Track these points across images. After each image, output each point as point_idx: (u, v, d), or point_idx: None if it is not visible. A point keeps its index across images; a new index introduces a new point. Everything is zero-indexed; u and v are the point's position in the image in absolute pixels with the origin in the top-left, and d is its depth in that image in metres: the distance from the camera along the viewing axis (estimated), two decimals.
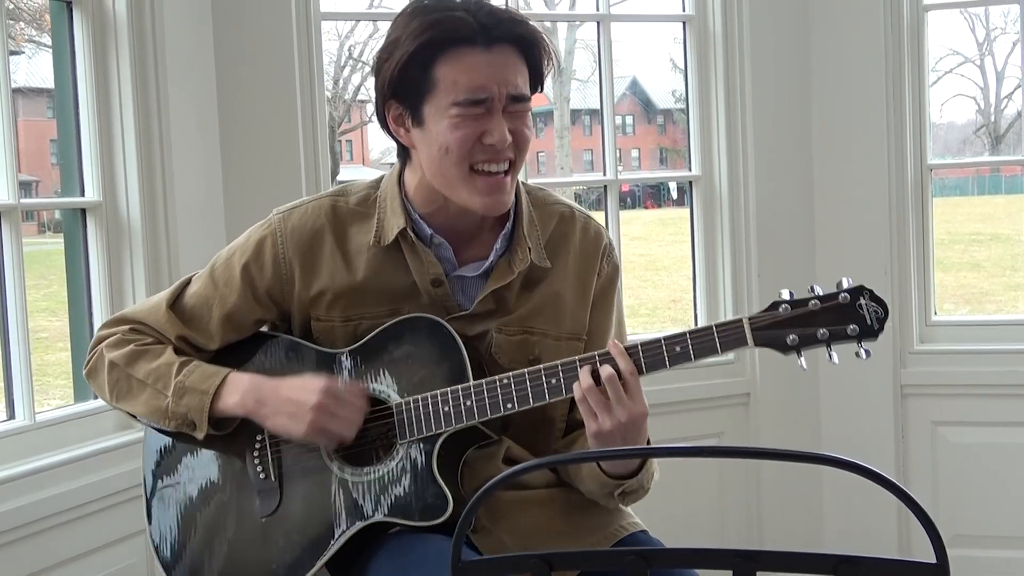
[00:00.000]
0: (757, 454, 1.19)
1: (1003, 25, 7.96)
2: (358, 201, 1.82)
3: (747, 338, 1.61)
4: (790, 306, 1.61)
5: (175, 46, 2.66)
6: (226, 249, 1.86)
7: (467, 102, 1.65)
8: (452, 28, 1.65)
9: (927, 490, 3.28)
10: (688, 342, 1.64)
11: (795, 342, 1.60)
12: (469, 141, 1.66)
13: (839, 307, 1.60)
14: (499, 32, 1.66)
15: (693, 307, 3.45)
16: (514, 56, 1.68)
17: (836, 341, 1.60)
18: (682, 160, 3.54)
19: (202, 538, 1.81)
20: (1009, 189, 12.84)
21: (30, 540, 2.30)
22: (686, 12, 3.35)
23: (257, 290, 1.81)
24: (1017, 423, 3.25)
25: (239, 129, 2.84)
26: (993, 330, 3.39)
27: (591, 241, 1.85)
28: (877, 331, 1.60)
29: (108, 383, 1.82)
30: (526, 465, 1.25)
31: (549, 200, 1.86)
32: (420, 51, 1.65)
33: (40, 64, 4.25)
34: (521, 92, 1.69)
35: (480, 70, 1.65)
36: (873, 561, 1.07)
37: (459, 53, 1.65)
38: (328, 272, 1.79)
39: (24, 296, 2.40)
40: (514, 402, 1.68)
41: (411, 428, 1.72)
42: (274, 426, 1.75)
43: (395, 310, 1.77)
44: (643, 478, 1.75)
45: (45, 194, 4.61)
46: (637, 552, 1.14)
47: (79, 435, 2.50)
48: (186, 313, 1.83)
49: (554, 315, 1.80)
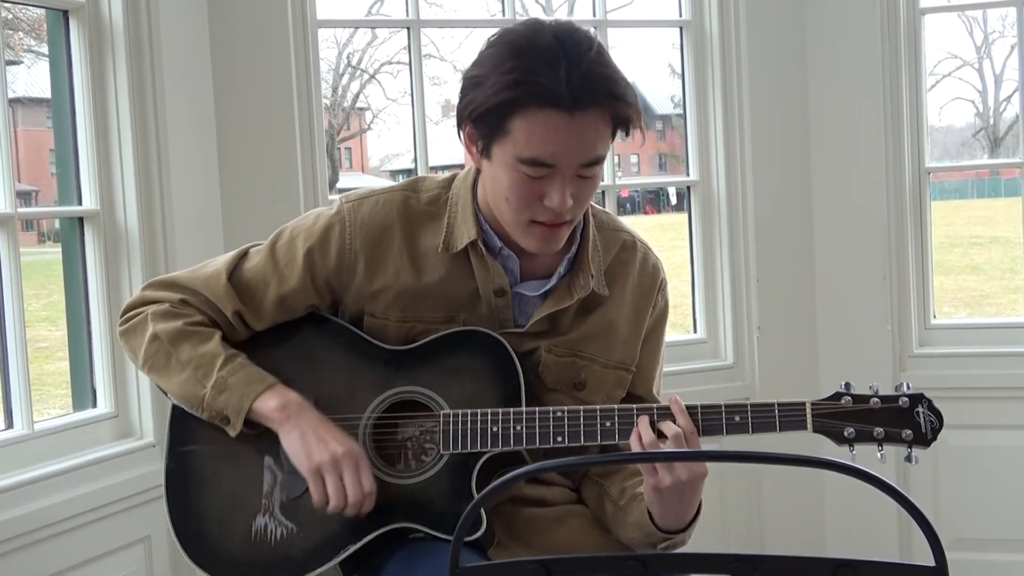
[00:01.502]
0: (758, 458, 1.18)
1: (1001, 28, 7.97)
2: (429, 200, 1.79)
3: (807, 423, 1.67)
4: (852, 399, 1.67)
5: (172, 54, 2.66)
6: (290, 227, 1.82)
7: (532, 162, 1.60)
8: (538, 91, 1.56)
9: (927, 493, 3.27)
10: (748, 415, 1.67)
11: (851, 435, 1.67)
12: (527, 199, 1.63)
13: (898, 410, 1.68)
14: (590, 100, 1.57)
15: (692, 312, 3.45)
16: (598, 121, 1.60)
17: (889, 442, 1.67)
18: (681, 165, 3.54)
19: (222, 511, 1.76)
20: (1008, 192, 12.82)
21: (29, 549, 2.29)
22: (683, 17, 3.36)
23: (317, 277, 1.77)
24: (1017, 426, 3.25)
25: (236, 137, 2.84)
26: (992, 333, 3.39)
27: (649, 275, 1.85)
28: (930, 440, 1.68)
29: (145, 351, 1.78)
30: (534, 468, 1.24)
31: (615, 226, 1.85)
32: (502, 104, 1.58)
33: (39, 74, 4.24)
34: (597, 156, 1.63)
35: (555, 136, 1.58)
36: (871, 565, 1.07)
37: (538, 113, 1.57)
38: (393, 269, 1.76)
39: (22, 305, 2.40)
40: (564, 436, 1.68)
41: (456, 441, 1.70)
42: (289, 445, 1.71)
43: (451, 318, 1.76)
44: (687, 535, 1.76)
45: (45, 204, 4.61)
46: (636, 557, 1.13)
47: (78, 444, 2.50)
48: (243, 287, 1.79)
49: (606, 343, 1.80)
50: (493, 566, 1.18)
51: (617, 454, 1.80)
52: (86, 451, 2.50)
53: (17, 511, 2.27)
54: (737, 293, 3.33)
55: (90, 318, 2.63)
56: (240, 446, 1.76)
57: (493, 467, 1.72)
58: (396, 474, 1.74)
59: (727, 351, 3.37)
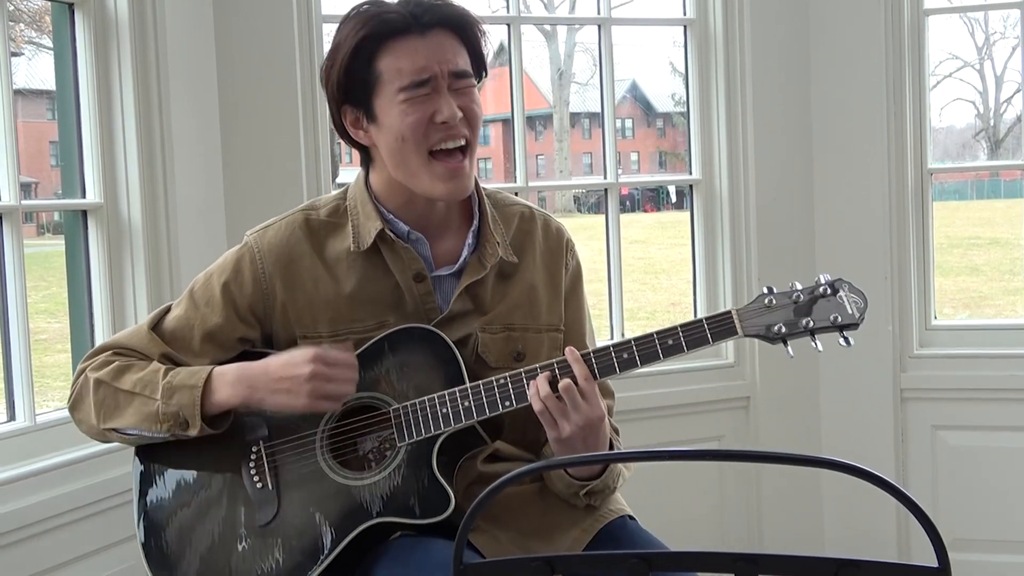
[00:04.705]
0: (757, 458, 1.19)
1: (1002, 29, 7.97)
2: (329, 212, 1.85)
3: (737, 328, 1.69)
4: (774, 298, 1.69)
5: (177, 48, 2.66)
6: (203, 273, 1.88)
7: (412, 85, 1.72)
8: (385, 21, 1.73)
9: (927, 494, 3.28)
10: (680, 334, 1.69)
11: (781, 331, 1.68)
12: (422, 124, 1.73)
13: (821, 298, 1.68)
14: (430, 18, 1.74)
15: (693, 310, 3.46)
16: (450, 38, 1.76)
17: (821, 331, 1.68)
18: (681, 163, 3.54)
19: (199, 554, 1.80)
20: (1008, 193, 12.82)
21: (30, 542, 2.30)
22: (687, 16, 3.36)
23: (239, 308, 1.82)
24: (1017, 427, 3.25)
25: (240, 131, 2.84)
26: (992, 334, 3.40)
27: (553, 237, 1.91)
28: (858, 321, 1.68)
29: (95, 404, 1.81)
30: (532, 467, 1.25)
31: (508, 201, 1.93)
32: (360, 48, 1.73)
33: (40, 66, 4.24)
34: (462, 68, 1.76)
35: (419, 53, 1.73)
36: (875, 565, 1.07)
37: (396, 43, 1.73)
38: (312, 283, 1.80)
39: (25, 298, 2.40)
40: (512, 399, 1.72)
41: (410, 430, 1.74)
42: (274, 404, 1.75)
43: (382, 322, 1.80)
44: (608, 479, 1.80)
45: (44, 196, 4.61)
46: (639, 555, 1.14)
47: (79, 437, 2.47)
48: (167, 335, 1.84)
49: (531, 309, 1.85)
50: (497, 563, 1.18)
51: (616, 452, 1.82)
52: (88, 444, 2.49)
53: (18, 503, 2.28)
54: (738, 292, 3.34)
55: (92, 311, 2.63)
56: (204, 484, 1.81)
57: (452, 448, 1.76)
58: (361, 477, 1.76)
59: (727, 350, 3.38)
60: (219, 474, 1.81)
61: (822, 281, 1.68)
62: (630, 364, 1.70)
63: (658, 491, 1.79)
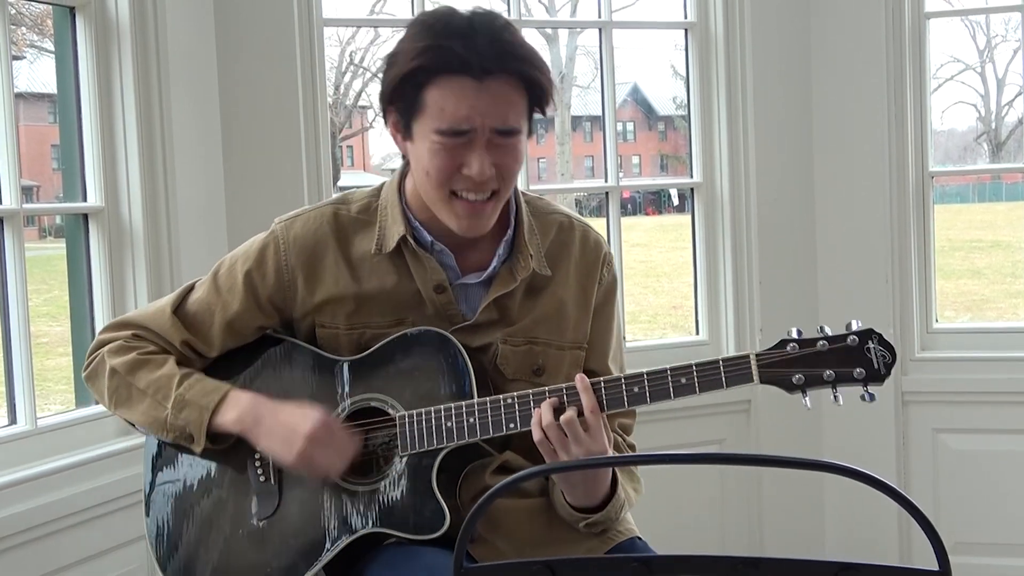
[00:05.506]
0: (758, 461, 1.19)
1: (1004, 32, 7.97)
2: (360, 209, 1.82)
3: (753, 375, 1.62)
4: (798, 345, 1.61)
5: (178, 51, 2.66)
6: (229, 256, 1.87)
7: (448, 132, 1.63)
8: (443, 55, 1.61)
9: (928, 497, 3.27)
10: (694, 375, 1.63)
11: (800, 382, 1.61)
12: (447, 170, 1.66)
13: (847, 349, 1.60)
14: (493, 64, 1.61)
15: (694, 313, 3.46)
16: (510, 88, 1.64)
17: (842, 383, 1.61)
18: (683, 166, 3.54)
19: (197, 535, 1.82)
20: (1010, 196, 12.82)
21: (32, 545, 2.30)
22: (688, 19, 3.36)
23: (259, 297, 1.81)
24: (1018, 430, 3.25)
25: (241, 134, 2.84)
26: (994, 337, 3.40)
27: (591, 250, 1.85)
28: (883, 376, 1.60)
29: (108, 389, 1.82)
30: (525, 473, 1.25)
31: (548, 209, 1.86)
32: (413, 72, 1.63)
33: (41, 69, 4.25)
34: (509, 127, 1.65)
35: (466, 100, 1.62)
36: (875, 568, 1.07)
37: (449, 81, 1.62)
38: (332, 280, 1.79)
39: (26, 301, 2.41)
40: (516, 422, 1.69)
41: (413, 441, 1.72)
42: (267, 447, 1.75)
43: (400, 320, 1.78)
44: (610, 511, 1.75)
45: (45, 199, 4.62)
46: (640, 559, 1.14)
47: (80, 440, 2.50)
48: (189, 318, 1.83)
49: (557, 325, 1.80)
50: (498, 566, 1.18)
51: (618, 456, 1.81)
52: (89, 447, 2.50)
53: (20, 507, 2.28)
54: (739, 295, 3.34)
55: (94, 314, 2.63)
56: (212, 471, 1.83)
57: (453, 462, 1.73)
58: (362, 481, 1.76)
59: (729, 353, 3.37)
60: (228, 463, 1.82)
61: (852, 329, 1.60)
62: (639, 400, 1.64)
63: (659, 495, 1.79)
